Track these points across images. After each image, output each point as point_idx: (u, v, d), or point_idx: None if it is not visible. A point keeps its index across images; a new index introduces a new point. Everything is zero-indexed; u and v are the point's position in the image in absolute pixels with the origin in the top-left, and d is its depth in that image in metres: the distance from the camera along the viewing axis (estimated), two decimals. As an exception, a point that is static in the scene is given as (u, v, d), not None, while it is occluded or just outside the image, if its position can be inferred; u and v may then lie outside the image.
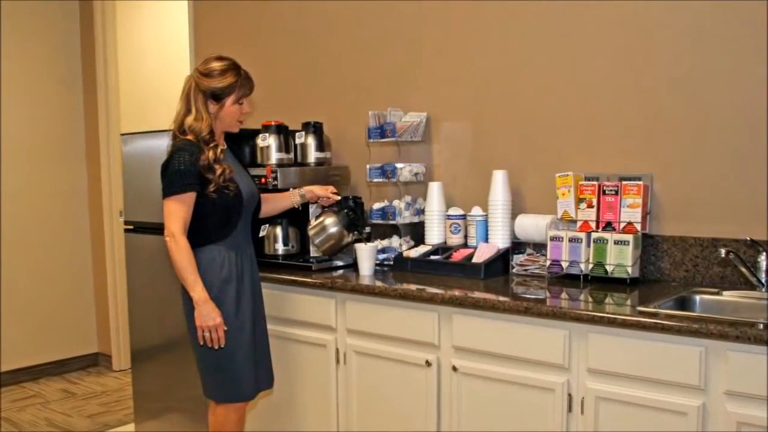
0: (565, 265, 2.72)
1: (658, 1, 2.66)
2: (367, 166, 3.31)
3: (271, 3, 3.96)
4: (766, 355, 1.91)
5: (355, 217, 3.08)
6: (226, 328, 2.60)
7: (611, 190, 2.68)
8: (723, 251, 2.45)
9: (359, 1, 3.56)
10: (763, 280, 2.41)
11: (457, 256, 2.99)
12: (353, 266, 3.14)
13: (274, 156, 3.33)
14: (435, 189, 3.16)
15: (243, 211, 2.70)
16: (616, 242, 2.61)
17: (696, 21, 2.59)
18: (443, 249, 3.09)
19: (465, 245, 3.08)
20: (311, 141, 3.42)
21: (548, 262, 2.77)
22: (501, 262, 2.91)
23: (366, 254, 2.99)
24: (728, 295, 2.42)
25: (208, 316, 2.55)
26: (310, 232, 3.11)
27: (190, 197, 2.56)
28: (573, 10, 2.87)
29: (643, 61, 2.72)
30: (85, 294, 5.41)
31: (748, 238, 2.46)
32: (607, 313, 2.18)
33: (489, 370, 2.46)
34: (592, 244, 2.67)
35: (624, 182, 2.66)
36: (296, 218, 3.33)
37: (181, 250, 2.54)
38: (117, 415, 4.35)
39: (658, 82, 2.69)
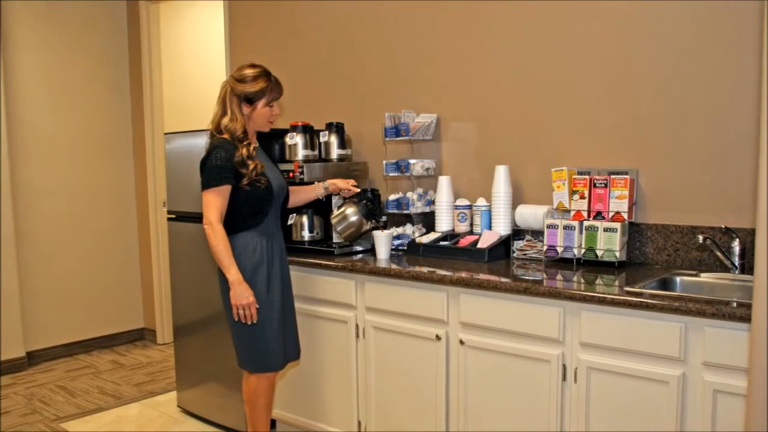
0: (560, 250, 2.74)
1: (642, 18, 2.66)
2: (384, 162, 3.33)
3: (297, 18, 3.97)
4: (739, 330, 1.93)
5: (373, 207, 3.10)
6: (258, 306, 2.62)
7: (601, 183, 2.69)
8: (701, 237, 2.46)
9: (376, 15, 3.57)
10: (737, 264, 2.42)
11: (464, 242, 3.01)
12: (371, 251, 3.17)
13: (301, 153, 3.35)
14: (444, 182, 3.18)
15: (273, 201, 2.72)
16: (606, 230, 2.62)
17: (676, 35, 2.59)
18: (451, 236, 3.11)
19: (471, 232, 3.10)
20: (334, 139, 3.43)
21: (545, 248, 2.78)
22: (503, 247, 2.93)
23: (383, 240, 3.01)
24: (705, 277, 2.43)
25: (242, 295, 2.58)
26: (333, 221, 3.14)
27: (226, 189, 2.58)
28: (568, 23, 2.88)
29: (629, 69, 2.72)
30: (133, 275, 5.46)
31: (723, 226, 2.47)
32: (598, 292, 2.19)
33: (492, 343, 2.48)
34: (584, 232, 2.68)
35: (612, 176, 2.67)
36: (320, 208, 3.35)
37: (218, 236, 2.56)
38: (161, 384, 4.39)
39: (642, 87, 2.69)
